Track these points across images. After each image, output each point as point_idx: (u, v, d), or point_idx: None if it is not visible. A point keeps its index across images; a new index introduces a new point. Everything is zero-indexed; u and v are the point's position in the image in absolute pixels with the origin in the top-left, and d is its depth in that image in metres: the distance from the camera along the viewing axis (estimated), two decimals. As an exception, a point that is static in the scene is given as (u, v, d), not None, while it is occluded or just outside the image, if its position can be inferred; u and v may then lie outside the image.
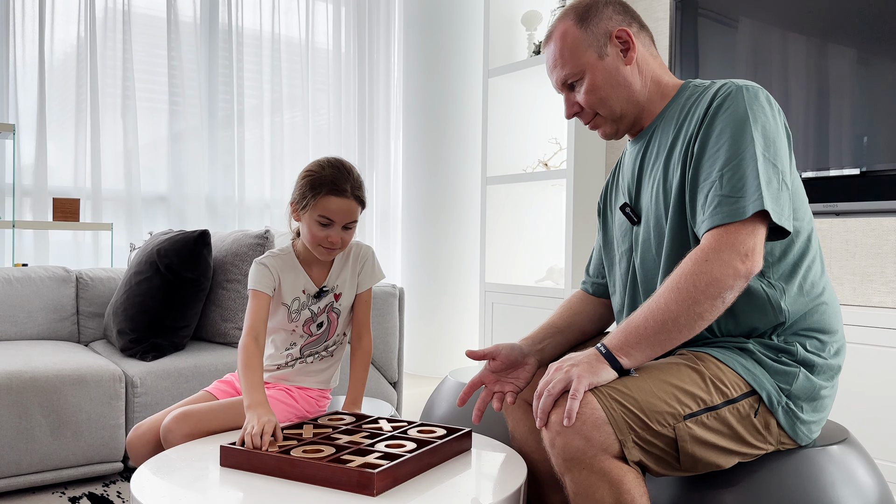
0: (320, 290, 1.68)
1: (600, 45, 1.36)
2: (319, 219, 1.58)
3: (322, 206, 1.57)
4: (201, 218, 3.96)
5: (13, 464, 2.15)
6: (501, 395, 1.43)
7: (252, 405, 1.45)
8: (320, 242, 1.60)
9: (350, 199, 1.58)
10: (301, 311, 1.68)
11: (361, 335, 1.74)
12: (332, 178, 1.57)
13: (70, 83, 3.64)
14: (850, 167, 2.26)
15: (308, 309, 1.68)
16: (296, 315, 1.68)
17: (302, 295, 1.68)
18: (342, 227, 1.60)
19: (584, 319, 1.56)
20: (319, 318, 1.70)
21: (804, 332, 1.27)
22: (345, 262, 1.72)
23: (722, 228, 1.18)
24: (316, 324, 1.70)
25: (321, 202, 1.57)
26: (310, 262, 1.69)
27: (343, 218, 1.58)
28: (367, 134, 4.57)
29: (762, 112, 1.24)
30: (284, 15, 4.28)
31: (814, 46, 2.34)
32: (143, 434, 1.60)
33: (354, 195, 1.59)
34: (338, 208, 1.57)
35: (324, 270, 1.71)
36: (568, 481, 1.14)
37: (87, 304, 2.88)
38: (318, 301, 1.69)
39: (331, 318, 1.71)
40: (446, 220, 4.28)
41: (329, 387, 1.77)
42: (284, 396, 1.68)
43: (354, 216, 1.60)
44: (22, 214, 3.50)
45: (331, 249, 1.62)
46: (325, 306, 1.70)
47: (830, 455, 1.27)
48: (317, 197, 1.57)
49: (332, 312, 1.71)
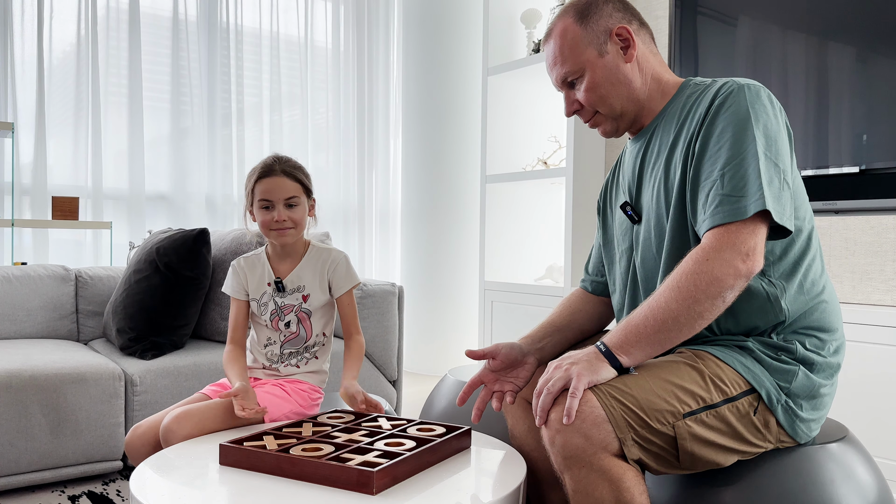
0: (277, 282, 1.74)
1: (600, 42, 1.36)
2: (260, 203, 1.69)
3: (258, 191, 1.68)
4: (201, 216, 3.96)
5: (13, 462, 2.15)
6: (501, 394, 1.43)
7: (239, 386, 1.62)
8: (269, 226, 1.70)
9: (279, 176, 1.68)
10: (267, 303, 1.75)
11: (351, 335, 1.79)
12: (261, 166, 1.70)
13: (69, 82, 3.63)
14: (849, 165, 2.26)
15: (273, 301, 1.74)
16: (263, 308, 1.75)
17: (268, 288, 1.76)
18: (284, 206, 1.68)
19: (584, 318, 1.56)
20: (287, 316, 1.74)
21: (804, 331, 1.27)
22: (314, 263, 1.77)
23: (723, 228, 1.18)
24: (284, 322, 1.74)
25: (256, 189, 1.69)
26: (277, 258, 1.78)
27: (279, 195, 1.67)
28: (367, 132, 4.57)
29: (764, 111, 1.24)
30: (283, 13, 4.28)
31: (813, 44, 2.34)
32: (143, 434, 1.60)
33: (283, 171, 1.69)
34: (269, 187, 1.67)
35: (290, 267, 1.77)
36: (567, 479, 1.14)
37: (87, 302, 2.88)
38: (282, 296, 1.74)
39: (300, 317, 1.74)
40: (446, 219, 4.28)
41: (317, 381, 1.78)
42: (278, 391, 1.69)
43: (290, 192, 1.69)
44: (21, 213, 3.50)
45: (281, 231, 1.70)
46: (292, 305, 1.74)
47: (829, 453, 1.27)
48: (253, 187, 1.69)
49: (301, 312, 1.74)
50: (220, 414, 1.58)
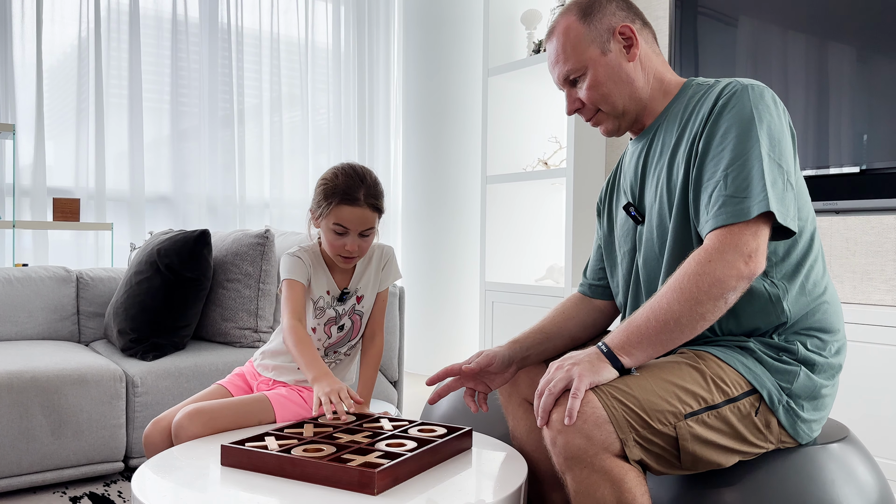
0: (342, 293, 1.68)
1: (603, 40, 1.36)
2: (335, 227, 1.59)
3: (336, 215, 1.58)
4: (202, 218, 3.96)
5: (14, 463, 2.15)
6: (472, 392, 1.49)
7: (317, 378, 1.50)
8: (338, 252, 1.62)
9: (364, 208, 1.58)
10: (326, 310, 1.69)
11: (375, 334, 1.76)
12: (344, 187, 1.58)
13: (70, 83, 3.64)
14: (849, 165, 2.26)
15: (333, 309, 1.70)
16: (320, 313, 1.69)
17: (326, 296, 1.70)
18: (358, 234, 1.60)
19: (576, 325, 1.55)
20: (342, 320, 1.71)
21: (805, 332, 1.26)
22: (367, 264, 1.73)
23: (726, 229, 1.17)
24: (338, 326, 1.71)
25: (335, 211, 1.58)
26: (333, 263, 1.71)
27: (357, 226, 1.59)
28: (367, 133, 4.57)
29: (767, 112, 1.24)
30: (284, 14, 4.28)
31: (813, 44, 2.34)
32: (165, 428, 1.60)
33: (368, 203, 1.59)
34: (351, 217, 1.58)
35: (347, 273, 1.72)
36: (569, 480, 1.14)
37: (88, 303, 2.88)
38: (342, 304, 1.70)
39: (353, 319, 1.73)
40: (446, 220, 4.28)
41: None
42: (295, 396, 1.69)
43: (370, 223, 1.60)
44: (22, 214, 3.50)
45: (348, 259, 1.63)
46: (348, 308, 1.71)
47: (831, 453, 1.27)
48: (331, 206, 1.58)
49: (354, 315, 1.73)
50: (233, 412, 1.58)
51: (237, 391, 1.75)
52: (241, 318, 2.67)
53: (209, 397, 1.69)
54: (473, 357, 1.48)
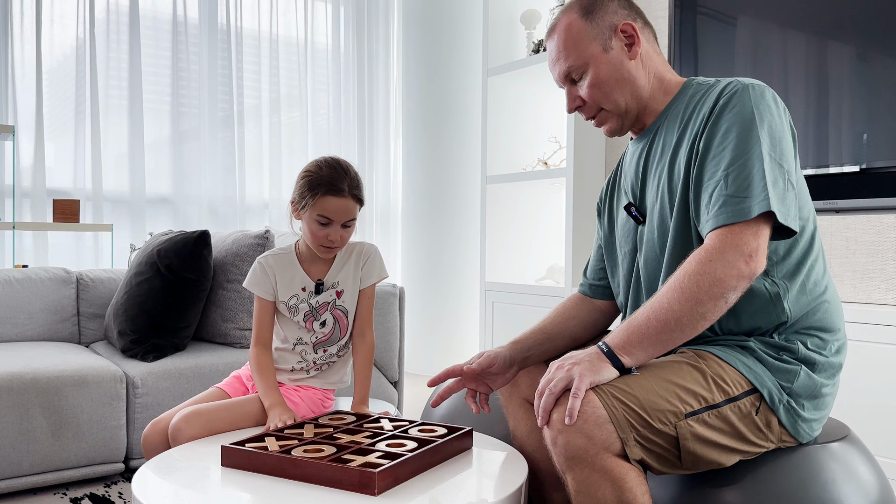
0: (318, 284, 1.70)
1: (605, 38, 1.36)
2: (318, 218, 1.61)
3: (320, 206, 1.60)
4: (202, 218, 3.96)
5: (14, 465, 2.15)
6: (473, 393, 1.49)
7: (270, 406, 1.58)
8: (321, 241, 1.64)
9: (348, 199, 1.61)
10: (299, 305, 1.71)
11: (364, 332, 1.76)
12: (329, 178, 1.60)
13: (70, 84, 3.64)
14: (849, 164, 2.26)
15: (307, 303, 1.71)
16: (294, 311, 1.71)
17: (301, 292, 1.71)
18: (341, 225, 1.63)
19: (577, 325, 1.55)
20: (322, 315, 1.71)
21: (806, 331, 1.26)
22: (346, 259, 1.74)
23: (726, 228, 1.17)
24: (319, 321, 1.71)
25: (319, 202, 1.60)
26: (310, 260, 1.73)
27: (341, 217, 1.62)
28: (367, 133, 4.57)
29: (768, 111, 1.23)
30: (283, 15, 4.28)
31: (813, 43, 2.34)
32: (163, 430, 1.60)
33: (352, 194, 1.62)
34: (336, 208, 1.60)
35: (324, 268, 1.73)
36: (569, 480, 1.14)
37: (88, 305, 2.88)
38: (317, 296, 1.71)
39: (336, 315, 1.73)
40: (446, 220, 4.28)
41: (335, 387, 1.78)
42: (292, 395, 1.70)
43: (352, 214, 1.63)
44: (22, 216, 3.50)
45: (330, 248, 1.66)
46: (326, 303, 1.71)
47: (831, 452, 1.27)
48: (315, 197, 1.60)
49: (336, 310, 1.72)
50: (230, 414, 1.58)
51: (234, 393, 1.75)
52: (242, 319, 2.67)
53: (206, 400, 1.69)
54: (475, 358, 1.48)
